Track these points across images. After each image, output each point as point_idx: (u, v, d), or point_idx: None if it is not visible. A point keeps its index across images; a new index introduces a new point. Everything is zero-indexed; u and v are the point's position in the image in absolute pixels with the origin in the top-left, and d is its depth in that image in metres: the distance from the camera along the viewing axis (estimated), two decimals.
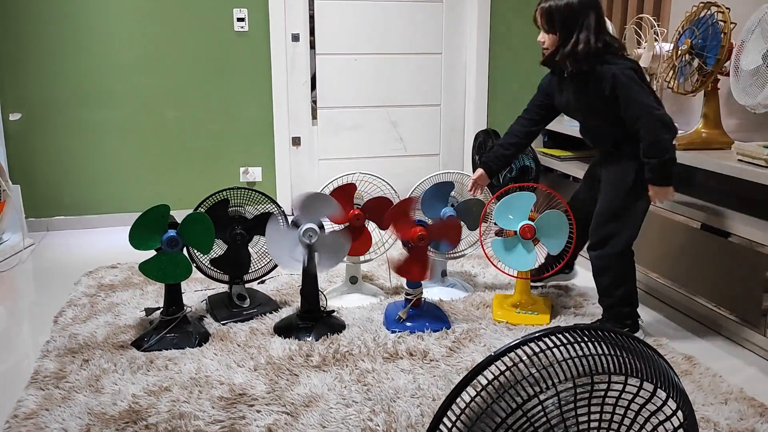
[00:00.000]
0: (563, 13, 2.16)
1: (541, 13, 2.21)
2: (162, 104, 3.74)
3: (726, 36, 2.47)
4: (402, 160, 4.21)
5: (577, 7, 2.15)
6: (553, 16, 2.18)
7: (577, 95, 2.28)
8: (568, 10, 2.16)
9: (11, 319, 2.60)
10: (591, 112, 2.29)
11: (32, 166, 3.64)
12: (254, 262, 2.62)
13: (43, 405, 1.86)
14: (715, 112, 2.65)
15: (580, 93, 2.26)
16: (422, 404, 1.87)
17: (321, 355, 2.16)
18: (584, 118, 2.36)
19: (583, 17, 2.15)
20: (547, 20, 2.20)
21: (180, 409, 1.83)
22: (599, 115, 2.26)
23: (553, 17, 2.18)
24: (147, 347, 2.19)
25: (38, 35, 3.51)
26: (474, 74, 4.13)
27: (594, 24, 2.15)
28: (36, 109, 3.59)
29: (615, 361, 0.92)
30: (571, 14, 2.15)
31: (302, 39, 3.88)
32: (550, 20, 2.19)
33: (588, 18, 2.15)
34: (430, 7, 4.03)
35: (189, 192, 3.80)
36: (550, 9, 2.18)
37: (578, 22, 2.15)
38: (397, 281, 2.84)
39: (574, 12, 2.15)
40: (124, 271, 2.97)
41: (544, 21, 2.21)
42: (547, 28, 2.22)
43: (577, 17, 2.15)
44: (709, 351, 2.27)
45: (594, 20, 2.16)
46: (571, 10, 2.15)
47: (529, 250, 2.39)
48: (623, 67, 2.14)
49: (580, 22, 2.15)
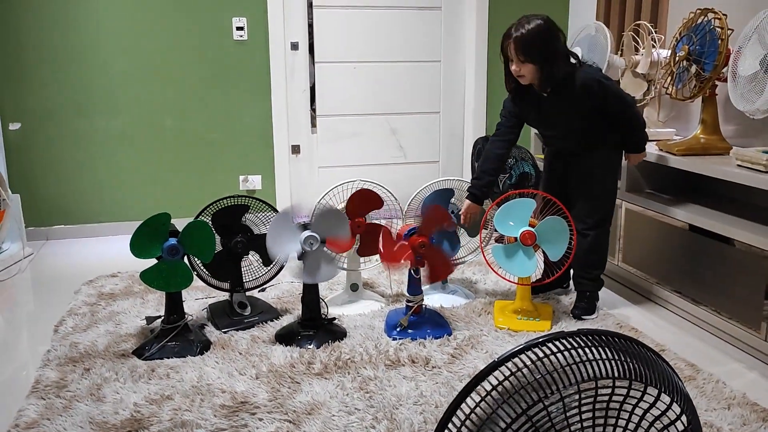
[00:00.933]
0: (538, 42, 2.27)
1: (515, 46, 2.29)
2: (161, 113, 3.75)
3: (723, 42, 2.49)
4: (402, 168, 4.21)
5: (549, 34, 2.28)
6: (529, 47, 2.28)
7: (560, 108, 2.41)
8: (541, 39, 2.27)
9: (11, 328, 2.60)
10: (577, 118, 2.43)
11: (32, 175, 3.64)
12: (255, 270, 2.63)
13: (44, 414, 1.85)
14: (714, 118, 2.66)
15: (562, 106, 2.40)
16: (425, 411, 1.87)
17: (323, 362, 2.15)
18: (566, 125, 2.48)
19: (555, 42, 2.29)
20: (523, 52, 2.28)
21: (182, 418, 1.83)
22: (585, 118, 2.41)
23: (530, 48, 2.28)
24: (148, 356, 2.19)
25: (38, 45, 3.52)
26: (473, 81, 4.14)
27: (562, 45, 2.32)
28: (35, 118, 3.60)
29: (619, 366, 0.92)
30: (546, 42, 2.28)
31: (301, 47, 3.89)
32: (527, 51, 2.28)
33: (558, 42, 2.30)
34: (429, 15, 4.05)
35: (188, 200, 3.80)
36: (525, 41, 2.27)
37: (552, 48, 2.29)
38: (398, 288, 2.84)
39: (547, 39, 2.28)
40: (124, 280, 2.97)
41: (520, 53, 2.29)
42: (523, 59, 2.30)
43: (549, 44, 2.28)
44: (711, 356, 2.27)
45: (561, 42, 2.32)
46: (544, 38, 2.27)
47: (529, 256, 2.39)
48: (596, 72, 2.39)
49: (554, 47, 2.29)
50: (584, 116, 2.41)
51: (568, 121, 2.45)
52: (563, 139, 2.55)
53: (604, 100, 2.36)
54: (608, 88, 2.36)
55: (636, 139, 2.50)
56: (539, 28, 2.27)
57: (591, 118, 2.41)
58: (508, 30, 2.32)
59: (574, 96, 2.35)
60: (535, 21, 2.27)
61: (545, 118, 2.50)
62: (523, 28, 2.27)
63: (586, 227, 2.52)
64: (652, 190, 2.88)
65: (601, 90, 2.34)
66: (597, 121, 2.42)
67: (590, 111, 2.39)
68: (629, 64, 3.08)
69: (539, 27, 2.27)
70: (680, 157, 2.60)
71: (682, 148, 2.63)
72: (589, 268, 2.57)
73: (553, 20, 2.33)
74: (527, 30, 2.26)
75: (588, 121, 2.42)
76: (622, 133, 2.48)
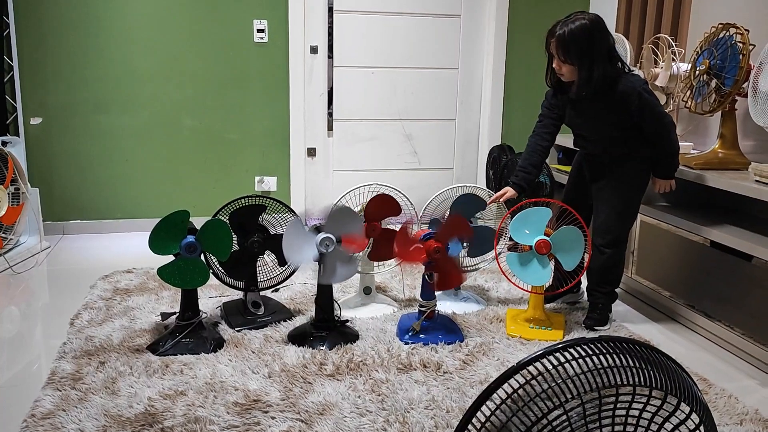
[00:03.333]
0: (579, 44, 2.23)
1: (556, 44, 2.27)
2: (180, 112, 3.79)
3: (744, 57, 2.48)
4: (416, 174, 4.23)
5: (591, 36, 2.23)
6: (570, 47, 2.25)
7: (596, 112, 2.37)
8: (584, 41, 2.23)
9: (27, 320, 2.62)
10: (609, 124, 2.38)
11: (51, 170, 3.68)
12: (269, 270, 2.64)
13: (59, 405, 1.87)
14: (732, 133, 2.65)
15: (599, 110, 2.35)
16: (436, 416, 1.87)
17: (335, 364, 2.16)
18: (599, 130, 2.44)
19: (598, 44, 2.23)
20: (563, 51, 2.26)
21: (195, 414, 1.84)
22: (617, 126, 2.37)
23: (570, 49, 2.25)
24: (162, 351, 2.21)
25: (60, 42, 3.56)
26: (490, 89, 4.15)
27: (606, 48, 2.25)
28: (56, 114, 3.64)
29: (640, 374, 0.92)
30: (588, 44, 2.23)
31: (320, 51, 3.92)
32: (566, 52, 2.26)
33: (602, 44, 2.24)
34: (448, 22, 4.07)
35: (204, 199, 3.84)
36: (566, 41, 2.24)
37: (594, 51, 2.23)
38: (410, 293, 2.85)
39: (590, 41, 2.23)
40: (139, 276, 2.99)
41: (560, 52, 2.27)
42: (563, 58, 2.28)
43: (592, 46, 2.23)
44: (724, 371, 2.26)
45: (606, 44, 2.25)
46: (587, 40, 2.23)
47: (544, 265, 2.40)
48: (641, 83, 2.31)
49: (596, 50, 2.23)
50: (617, 124, 2.36)
51: (601, 126, 2.41)
52: (594, 143, 2.48)
53: (640, 113, 2.29)
54: (647, 102, 2.29)
55: (665, 163, 2.43)
56: (583, 28, 2.22)
57: (624, 127, 2.36)
58: (554, 26, 2.28)
59: (611, 101, 2.30)
60: (580, 21, 2.22)
61: (579, 118, 2.45)
62: (566, 26, 2.23)
63: (604, 244, 2.48)
64: (667, 202, 2.87)
65: (640, 103, 2.27)
66: (630, 133, 2.37)
67: (625, 121, 2.34)
68: (648, 77, 3.08)
69: (583, 28, 2.22)
70: (698, 171, 2.60)
71: (700, 162, 2.63)
72: (604, 284, 2.54)
73: (602, 20, 2.26)
74: (570, 30, 2.22)
75: (621, 131, 2.37)
76: (654, 153, 2.41)
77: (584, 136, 2.53)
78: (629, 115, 2.32)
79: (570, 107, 2.46)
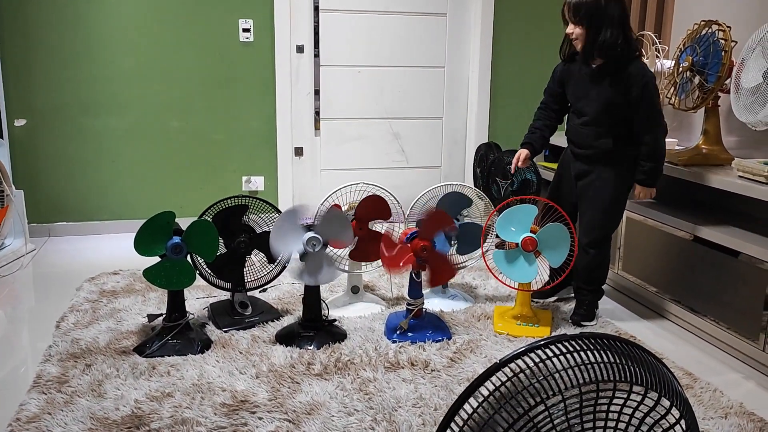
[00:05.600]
0: (590, 5, 2.29)
1: (568, 5, 2.35)
2: (166, 113, 3.77)
3: (727, 54, 2.51)
4: (403, 172, 4.23)
5: (603, 1, 2.28)
6: (580, 8, 2.31)
7: (599, 88, 2.40)
8: (594, 3, 2.29)
9: (12, 323, 2.61)
10: (606, 106, 2.40)
11: (36, 171, 3.66)
12: (256, 270, 2.64)
13: (45, 409, 1.86)
14: (716, 129, 2.68)
15: (602, 86, 2.39)
16: (424, 414, 1.88)
17: (322, 363, 2.16)
18: (595, 111, 2.43)
19: (610, 9, 2.29)
20: (574, 12, 2.33)
21: (182, 415, 1.84)
22: (612, 112, 2.39)
23: (580, 8, 2.31)
24: (149, 353, 2.20)
25: (44, 42, 3.53)
26: (476, 87, 4.16)
27: (618, 18, 2.30)
28: (41, 115, 3.61)
29: (620, 370, 0.93)
30: (597, 6, 2.29)
31: (307, 50, 3.91)
32: (577, 12, 2.33)
33: (613, 10, 2.29)
34: (434, 20, 4.07)
35: (192, 200, 3.82)
36: (578, 2, 2.31)
37: (604, 14, 2.29)
38: (398, 291, 2.86)
39: (601, 5, 2.28)
40: (126, 278, 2.98)
41: (571, 14, 2.34)
42: (575, 20, 2.34)
43: (603, 9, 2.29)
44: (709, 365, 2.29)
45: (618, 14, 2.30)
46: (598, 2, 2.29)
47: (530, 262, 2.41)
48: (651, 76, 2.35)
49: (606, 13, 2.29)
50: (612, 107, 2.37)
51: (601, 107, 2.40)
52: (587, 126, 2.45)
53: (638, 102, 2.32)
54: (649, 94, 2.32)
55: (647, 168, 2.40)
56: None
57: (622, 115, 2.37)
58: None
59: (617, 80, 2.33)
60: None
61: (582, 93, 2.46)
62: None
63: (589, 243, 2.51)
64: (652, 199, 2.89)
65: (643, 91, 2.31)
66: (620, 130, 2.39)
67: (621, 106, 2.35)
68: None
69: None
70: (681, 167, 2.62)
71: (684, 158, 2.65)
72: (590, 282, 2.58)
73: None
74: None
75: (618, 117, 2.37)
76: (638, 154, 2.40)
77: (582, 114, 2.48)
78: (627, 103, 2.34)
79: (576, 80, 2.47)
